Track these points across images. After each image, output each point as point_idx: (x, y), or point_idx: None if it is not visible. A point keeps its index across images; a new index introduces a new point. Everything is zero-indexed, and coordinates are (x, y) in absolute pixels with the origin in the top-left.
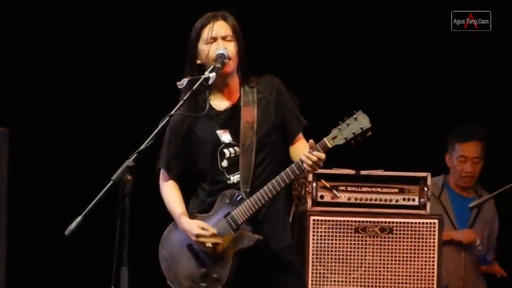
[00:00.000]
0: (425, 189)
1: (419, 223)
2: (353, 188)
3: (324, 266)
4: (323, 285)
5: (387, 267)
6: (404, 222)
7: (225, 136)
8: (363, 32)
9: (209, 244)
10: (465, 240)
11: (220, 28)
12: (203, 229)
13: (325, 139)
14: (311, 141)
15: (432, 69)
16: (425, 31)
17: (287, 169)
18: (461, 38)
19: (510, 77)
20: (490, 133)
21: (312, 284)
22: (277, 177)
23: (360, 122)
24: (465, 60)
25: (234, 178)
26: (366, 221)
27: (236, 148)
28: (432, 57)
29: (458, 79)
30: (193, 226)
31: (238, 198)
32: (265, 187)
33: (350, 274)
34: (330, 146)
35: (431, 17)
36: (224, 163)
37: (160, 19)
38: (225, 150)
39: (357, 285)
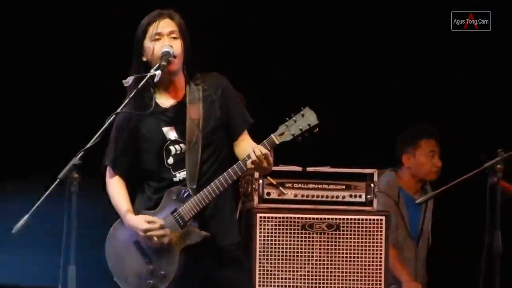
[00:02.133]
0: (372, 185)
1: (366, 219)
2: (300, 185)
3: (271, 263)
4: (270, 282)
5: (335, 264)
6: (351, 219)
7: (171, 133)
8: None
9: (156, 238)
10: None
11: (166, 25)
12: (150, 222)
13: (272, 135)
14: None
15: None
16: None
17: (234, 165)
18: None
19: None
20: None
21: (259, 281)
22: (224, 174)
23: (307, 118)
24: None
25: (180, 175)
26: (313, 218)
27: (182, 145)
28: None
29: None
30: (140, 222)
31: (185, 195)
32: (212, 184)
33: (297, 271)
34: (277, 142)
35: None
36: (170, 160)
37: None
38: (171, 147)
39: (304, 282)
